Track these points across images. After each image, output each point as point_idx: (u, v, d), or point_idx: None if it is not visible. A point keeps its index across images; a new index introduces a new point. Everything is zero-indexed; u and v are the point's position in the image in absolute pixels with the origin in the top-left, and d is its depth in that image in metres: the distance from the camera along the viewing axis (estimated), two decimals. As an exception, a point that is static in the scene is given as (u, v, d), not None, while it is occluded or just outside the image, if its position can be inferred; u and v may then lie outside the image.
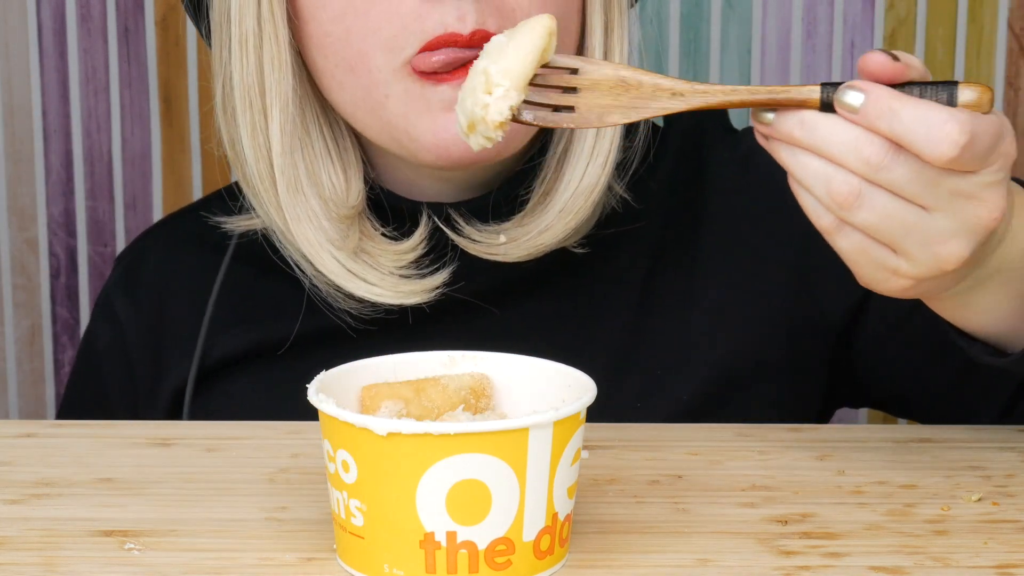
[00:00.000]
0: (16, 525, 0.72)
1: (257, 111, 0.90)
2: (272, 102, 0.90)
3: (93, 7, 1.56)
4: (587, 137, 0.92)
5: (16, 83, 1.58)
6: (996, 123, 0.69)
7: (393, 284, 0.91)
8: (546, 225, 0.92)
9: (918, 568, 0.67)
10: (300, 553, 0.69)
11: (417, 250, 0.93)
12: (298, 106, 0.91)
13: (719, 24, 1.55)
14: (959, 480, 0.78)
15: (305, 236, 0.91)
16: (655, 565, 0.68)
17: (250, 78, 0.90)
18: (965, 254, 0.70)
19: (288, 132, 0.90)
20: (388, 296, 0.91)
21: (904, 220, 0.69)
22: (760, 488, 0.77)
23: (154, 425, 0.87)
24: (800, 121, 0.70)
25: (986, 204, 0.69)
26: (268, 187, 0.91)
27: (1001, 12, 1.57)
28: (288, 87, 0.90)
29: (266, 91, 0.90)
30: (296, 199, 0.91)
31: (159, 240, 1.06)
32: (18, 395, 1.63)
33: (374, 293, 0.91)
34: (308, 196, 0.91)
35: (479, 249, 0.92)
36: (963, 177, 0.69)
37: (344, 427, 0.65)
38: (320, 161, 0.92)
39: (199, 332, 0.99)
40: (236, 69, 0.90)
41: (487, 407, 0.73)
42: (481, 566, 0.65)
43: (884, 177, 0.69)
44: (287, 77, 0.89)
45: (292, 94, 0.90)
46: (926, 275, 0.71)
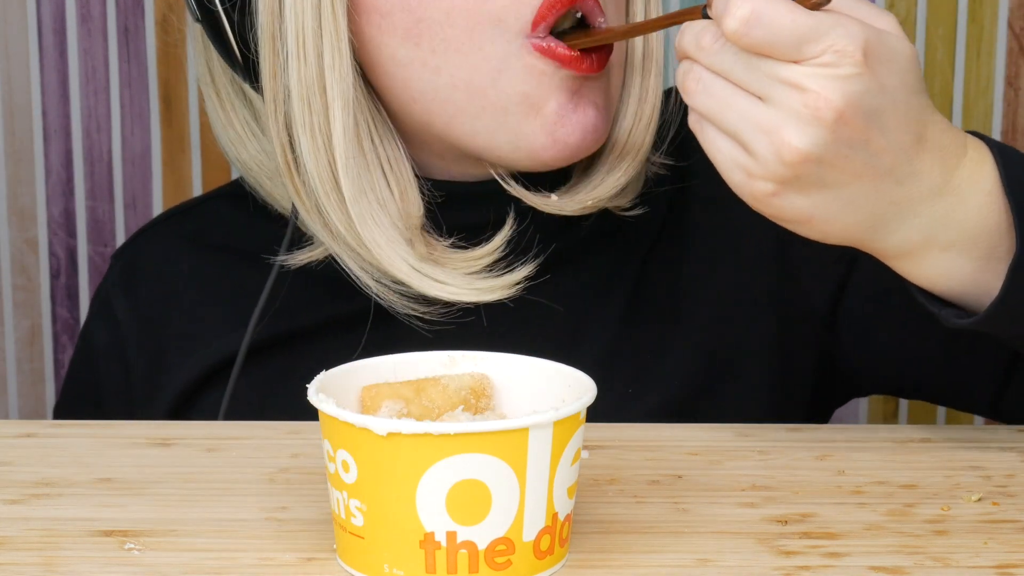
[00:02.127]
0: (16, 525, 0.72)
1: (318, 112, 0.87)
2: (333, 101, 0.87)
3: (93, 7, 1.56)
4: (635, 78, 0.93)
5: (16, 83, 1.58)
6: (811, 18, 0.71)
7: (465, 281, 0.90)
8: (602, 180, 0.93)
9: (918, 568, 0.67)
10: (300, 553, 0.69)
11: (495, 254, 0.92)
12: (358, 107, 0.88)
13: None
14: (959, 480, 0.78)
15: (373, 238, 0.88)
16: (655, 565, 0.68)
17: (309, 78, 0.87)
18: (802, 146, 0.72)
19: (351, 128, 0.87)
20: (462, 294, 0.90)
21: (740, 108, 0.73)
22: (760, 488, 0.77)
23: (154, 425, 0.87)
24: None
25: (812, 94, 0.71)
26: (331, 190, 0.88)
27: (1001, 12, 1.57)
28: (348, 88, 0.87)
29: (328, 90, 0.87)
30: (362, 201, 0.88)
31: (157, 238, 1.05)
32: (18, 395, 1.63)
33: (447, 292, 0.89)
34: (373, 200, 0.88)
35: (534, 200, 0.91)
36: (786, 66, 0.72)
37: (344, 427, 0.65)
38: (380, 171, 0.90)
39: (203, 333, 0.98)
40: (293, 68, 0.87)
41: (487, 407, 0.73)
42: (481, 566, 0.65)
43: (713, 60, 0.74)
44: (348, 78, 0.87)
45: (352, 92, 0.87)
46: (775, 174, 0.73)
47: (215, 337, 0.98)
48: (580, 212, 0.92)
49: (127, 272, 1.04)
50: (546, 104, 0.88)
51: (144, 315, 1.01)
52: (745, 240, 0.97)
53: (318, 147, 0.87)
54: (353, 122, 0.88)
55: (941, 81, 1.56)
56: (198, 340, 0.98)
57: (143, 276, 1.03)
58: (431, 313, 0.91)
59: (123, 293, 1.02)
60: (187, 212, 1.06)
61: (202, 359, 0.98)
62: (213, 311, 0.99)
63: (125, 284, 1.03)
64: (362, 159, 0.89)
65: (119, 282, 1.03)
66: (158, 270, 1.02)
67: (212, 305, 0.99)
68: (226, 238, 1.01)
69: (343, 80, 0.87)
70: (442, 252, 0.91)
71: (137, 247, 1.05)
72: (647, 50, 0.93)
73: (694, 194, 0.99)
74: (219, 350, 0.97)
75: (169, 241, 1.04)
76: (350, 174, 0.87)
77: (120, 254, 1.06)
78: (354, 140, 0.88)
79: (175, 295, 1.01)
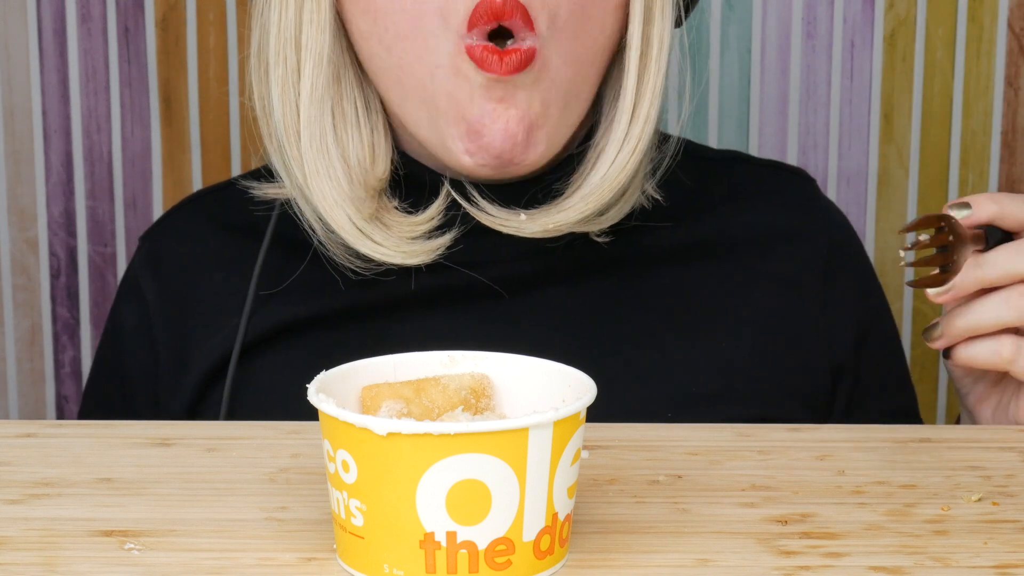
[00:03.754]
0: (16, 525, 0.72)
1: (291, 66, 0.90)
2: (306, 58, 0.90)
3: (93, 7, 1.56)
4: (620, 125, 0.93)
5: (16, 83, 1.58)
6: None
7: (398, 245, 0.92)
8: (568, 205, 0.93)
9: (918, 568, 0.67)
10: (300, 553, 0.69)
11: (433, 221, 0.94)
12: (333, 68, 0.91)
13: (719, 24, 1.55)
14: (959, 480, 0.78)
15: (322, 192, 0.91)
16: (655, 565, 0.68)
17: (287, 32, 0.90)
18: None
19: (319, 89, 0.90)
20: (392, 256, 0.92)
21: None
22: (760, 488, 0.77)
23: (154, 425, 0.87)
24: (975, 263, 0.82)
25: None
26: (292, 140, 0.91)
27: (1001, 12, 1.57)
28: (324, 45, 0.90)
29: (302, 46, 0.90)
30: (319, 156, 0.91)
31: (184, 218, 1.06)
32: (18, 395, 1.63)
33: (378, 252, 0.92)
34: (332, 156, 0.91)
35: (493, 222, 0.93)
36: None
37: (344, 427, 0.65)
38: (349, 129, 0.93)
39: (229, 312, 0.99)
40: (273, 21, 0.90)
41: (487, 407, 0.73)
42: (481, 566, 0.65)
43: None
44: (324, 35, 0.90)
45: (328, 53, 0.90)
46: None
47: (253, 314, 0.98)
48: (541, 235, 0.93)
49: (153, 253, 1.05)
50: (469, 110, 0.89)
51: (171, 295, 1.02)
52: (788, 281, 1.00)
53: (287, 98, 0.91)
54: (324, 81, 0.90)
55: (941, 81, 1.56)
56: (224, 320, 0.99)
57: (169, 257, 1.04)
58: (368, 269, 0.94)
59: (150, 274, 1.03)
60: (213, 193, 1.07)
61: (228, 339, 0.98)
62: (239, 291, 0.99)
63: (152, 265, 1.04)
64: (327, 117, 0.91)
65: (146, 263, 1.05)
66: (184, 251, 1.03)
67: (238, 285, 1.00)
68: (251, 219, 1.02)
69: (318, 38, 0.90)
70: (392, 214, 0.93)
71: (163, 228, 1.06)
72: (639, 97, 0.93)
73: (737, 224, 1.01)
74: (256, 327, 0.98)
75: (195, 222, 1.05)
76: (311, 128, 0.90)
77: (147, 236, 1.08)
78: (320, 98, 0.91)
79: (201, 275, 1.02)
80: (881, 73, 1.55)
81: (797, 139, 1.54)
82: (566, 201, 0.93)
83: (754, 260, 1.00)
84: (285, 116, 0.91)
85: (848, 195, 1.57)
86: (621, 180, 0.92)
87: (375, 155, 0.94)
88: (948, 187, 1.56)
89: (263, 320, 0.98)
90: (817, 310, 1.00)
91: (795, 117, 1.55)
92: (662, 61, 0.93)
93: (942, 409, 1.64)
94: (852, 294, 1.02)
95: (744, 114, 1.55)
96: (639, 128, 0.93)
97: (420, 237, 0.94)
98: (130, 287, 1.05)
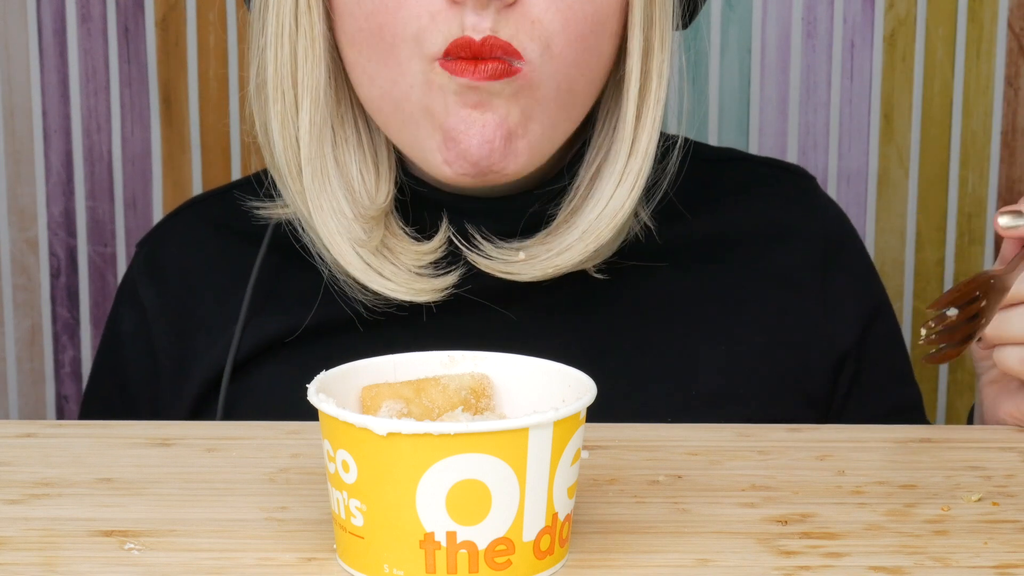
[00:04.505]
0: (16, 525, 0.72)
1: (289, 102, 0.91)
2: (303, 94, 0.90)
3: (93, 7, 1.56)
4: (619, 159, 0.92)
5: (16, 83, 1.58)
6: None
7: (407, 281, 0.92)
8: (567, 245, 0.92)
9: (918, 568, 0.67)
10: (300, 553, 0.69)
11: (437, 252, 0.94)
12: (332, 100, 0.92)
13: (719, 24, 1.55)
14: (959, 480, 0.78)
15: (327, 227, 0.92)
16: (655, 565, 0.68)
17: (284, 69, 0.90)
18: None
19: (318, 124, 0.91)
20: (401, 292, 0.92)
21: None
22: (760, 488, 0.77)
23: (154, 425, 0.87)
24: None
25: None
26: (295, 176, 0.92)
27: (1001, 12, 1.57)
28: (321, 80, 0.90)
29: (298, 83, 0.90)
30: (322, 190, 0.91)
31: (183, 223, 1.06)
32: (18, 395, 1.63)
33: (388, 288, 0.92)
34: (335, 189, 0.92)
35: (493, 267, 0.93)
36: None
37: (344, 427, 0.65)
38: (352, 156, 0.93)
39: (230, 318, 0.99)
40: (270, 58, 0.91)
41: (487, 407, 0.73)
42: (481, 566, 0.65)
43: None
44: (320, 71, 0.90)
45: (324, 87, 0.91)
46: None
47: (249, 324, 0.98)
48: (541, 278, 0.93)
49: (152, 259, 1.05)
50: (444, 119, 0.89)
51: (169, 301, 1.02)
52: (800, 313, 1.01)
53: (288, 134, 0.91)
54: (321, 117, 0.91)
55: (941, 81, 1.56)
56: (225, 327, 0.99)
57: (168, 263, 1.04)
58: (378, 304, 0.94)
59: (148, 279, 1.03)
60: (213, 198, 1.07)
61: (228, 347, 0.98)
62: (238, 296, 0.99)
63: (150, 271, 1.04)
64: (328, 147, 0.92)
65: (144, 269, 1.04)
66: (183, 257, 1.03)
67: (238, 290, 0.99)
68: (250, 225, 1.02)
69: (314, 74, 0.90)
70: (398, 239, 0.94)
71: (162, 234, 1.06)
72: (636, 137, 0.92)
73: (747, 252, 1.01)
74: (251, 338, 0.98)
75: (194, 227, 1.05)
76: (312, 163, 0.91)
77: (145, 242, 1.07)
78: (319, 132, 0.91)
79: (201, 281, 1.02)
80: (881, 73, 1.55)
81: (797, 139, 1.54)
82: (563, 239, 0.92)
83: (753, 259, 1.00)
84: (286, 151, 0.92)
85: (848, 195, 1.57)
86: (618, 221, 0.92)
87: (379, 177, 0.94)
88: (948, 187, 1.56)
89: (262, 328, 0.98)
90: (817, 307, 1.00)
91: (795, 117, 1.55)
92: (660, 93, 0.92)
93: (942, 409, 1.64)
94: (852, 290, 1.02)
95: (744, 114, 1.55)
96: (637, 164, 0.92)
97: (427, 267, 0.93)
98: (128, 293, 1.05)
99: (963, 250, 1.57)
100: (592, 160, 0.94)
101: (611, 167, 0.92)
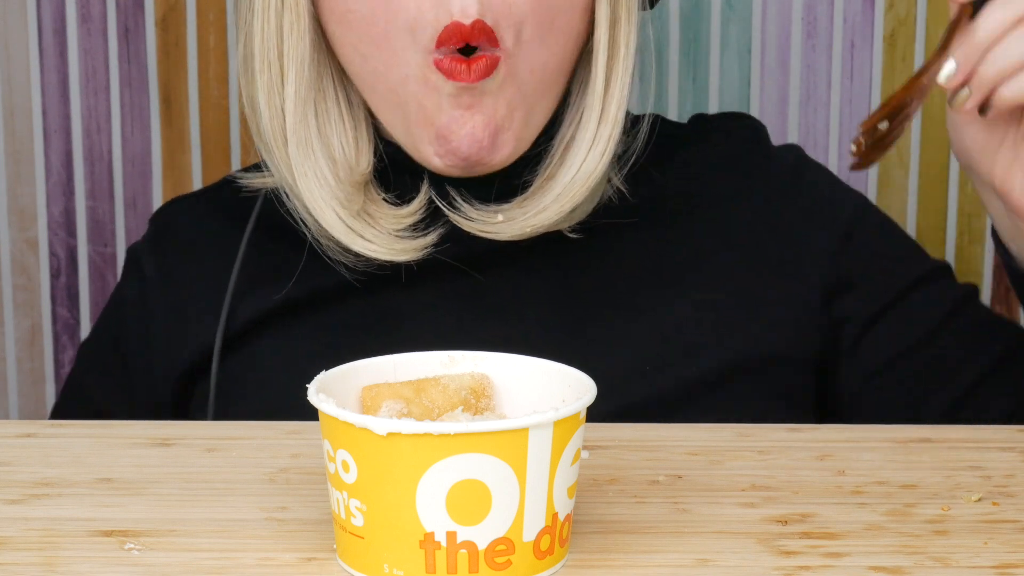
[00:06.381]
0: (16, 525, 0.72)
1: (275, 73, 0.95)
2: (288, 65, 0.94)
3: (93, 7, 1.56)
4: (590, 126, 0.96)
5: (16, 83, 1.57)
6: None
7: (387, 242, 0.96)
8: (543, 207, 0.96)
9: (918, 568, 0.67)
10: (300, 553, 0.69)
11: (416, 215, 0.97)
12: (315, 71, 0.95)
13: (719, 24, 1.55)
14: (959, 480, 0.78)
15: (311, 192, 0.95)
16: (655, 565, 0.68)
17: (269, 41, 0.94)
18: None
19: (302, 95, 0.95)
20: (382, 252, 0.95)
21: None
22: (760, 488, 0.77)
23: (154, 425, 0.87)
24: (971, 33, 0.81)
25: None
26: (280, 144, 0.95)
27: (1001, 12, 1.56)
28: (305, 52, 0.94)
29: (284, 54, 0.94)
30: (306, 157, 0.95)
31: (191, 204, 1.10)
32: (18, 395, 1.63)
33: (370, 249, 0.95)
34: (318, 156, 0.95)
35: (473, 227, 0.96)
36: None
37: (344, 427, 0.65)
38: (333, 126, 0.97)
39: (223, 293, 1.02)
40: (257, 31, 0.95)
41: (487, 407, 0.73)
42: (481, 566, 0.65)
43: None
44: (305, 43, 0.94)
45: (309, 60, 0.94)
46: None
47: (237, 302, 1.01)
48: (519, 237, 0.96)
49: (159, 233, 1.08)
50: (438, 118, 0.93)
51: (169, 273, 1.05)
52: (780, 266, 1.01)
53: (273, 104, 0.95)
54: (306, 85, 0.95)
55: (941, 81, 1.56)
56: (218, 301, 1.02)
57: (173, 239, 1.07)
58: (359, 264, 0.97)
59: (152, 251, 1.07)
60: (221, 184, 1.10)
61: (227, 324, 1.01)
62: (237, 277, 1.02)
63: (155, 243, 1.08)
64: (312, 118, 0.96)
65: (150, 241, 1.08)
66: (188, 236, 1.07)
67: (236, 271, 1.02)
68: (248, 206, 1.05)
69: (299, 45, 0.94)
70: (378, 205, 0.97)
71: (171, 211, 1.10)
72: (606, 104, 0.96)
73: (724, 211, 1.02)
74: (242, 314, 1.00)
75: (201, 209, 1.08)
76: (296, 132, 0.95)
77: (155, 217, 1.11)
78: (304, 101, 0.95)
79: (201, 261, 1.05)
80: (881, 73, 1.55)
81: (797, 139, 1.54)
82: (539, 201, 0.96)
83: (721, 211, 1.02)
84: (272, 120, 0.95)
85: (848, 195, 1.57)
86: (591, 183, 0.96)
87: (359, 148, 0.98)
88: (948, 187, 1.56)
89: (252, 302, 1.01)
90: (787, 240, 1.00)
91: (795, 117, 1.55)
92: (628, 61, 0.96)
93: (942, 409, 1.64)
94: (819, 207, 1.02)
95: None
96: (608, 130, 0.96)
97: (406, 230, 0.97)
98: (132, 263, 1.09)
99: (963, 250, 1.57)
100: (566, 129, 0.98)
101: (583, 133, 0.96)
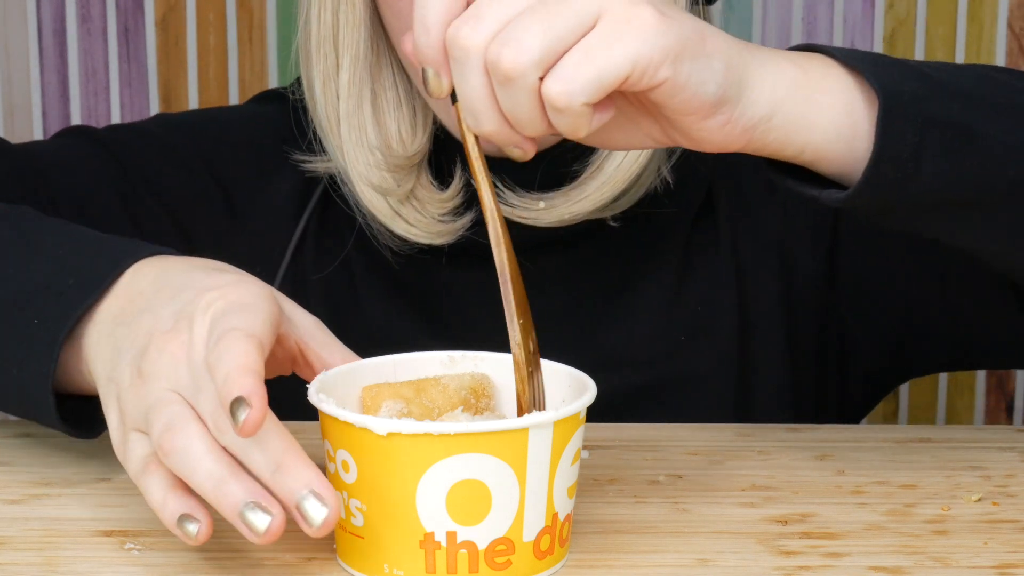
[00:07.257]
0: (16, 525, 0.72)
1: (331, 62, 0.97)
2: (343, 53, 0.96)
3: (93, 7, 1.56)
4: None
5: (16, 83, 1.58)
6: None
7: (428, 226, 0.97)
8: (585, 195, 0.96)
9: (918, 568, 0.68)
10: (300, 553, 0.69)
11: (456, 198, 0.98)
12: (373, 57, 0.97)
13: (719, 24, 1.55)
14: (959, 480, 0.78)
15: (360, 178, 0.97)
16: (655, 565, 0.68)
17: (325, 30, 0.96)
18: None
19: (356, 83, 0.96)
20: (422, 236, 0.97)
21: None
22: (760, 488, 0.77)
23: (154, 425, 0.87)
24: None
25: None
26: (335, 131, 0.97)
27: (1001, 12, 1.57)
28: (360, 42, 0.96)
29: (339, 44, 0.96)
30: (359, 143, 0.97)
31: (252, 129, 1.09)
32: (18, 395, 1.63)
33: (411, 233, 0.97)
34: (371, 141, 0.97)
35: (513, 212, 0.96)
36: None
37: (344, 427, 0.65)
38: (391, 112, 0.98)
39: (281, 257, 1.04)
40: (313, 21, 0.97)
41: (487, 407, 0.73)
42: (481, 566, 0.65)
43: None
44: (360, 32, 0.96)
45: (364, 48, 0.96)
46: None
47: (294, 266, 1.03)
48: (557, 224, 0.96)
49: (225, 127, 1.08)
50: None
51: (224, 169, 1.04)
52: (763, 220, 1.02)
53: (329, 91, 0.97)
54: (360, 76, 0.96)
55: (941, 81, 1.56)
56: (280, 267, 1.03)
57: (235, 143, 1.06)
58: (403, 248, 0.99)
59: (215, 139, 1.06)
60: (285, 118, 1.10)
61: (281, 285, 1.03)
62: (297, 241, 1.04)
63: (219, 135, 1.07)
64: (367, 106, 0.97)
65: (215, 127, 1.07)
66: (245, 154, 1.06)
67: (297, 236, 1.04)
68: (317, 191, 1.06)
69: (354, 36, 0.96)
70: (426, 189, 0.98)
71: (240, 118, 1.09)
72: None
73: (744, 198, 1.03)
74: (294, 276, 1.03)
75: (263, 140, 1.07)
76: (349, 120, 0.97)
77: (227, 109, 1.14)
78: (358, 91, 0.97)
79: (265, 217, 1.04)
80: (881, 73, 1.55)
81: (797, 139, 1.54)
82: (583, 190, 0.96)
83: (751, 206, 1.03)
84: (327, 107, 0.97)
85: (848, 195, 1.57)
86: (635, 170, 0.96)
87: (414, 133, 0.99)
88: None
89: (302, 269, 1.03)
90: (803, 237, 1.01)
91: (795, 117, 1.55)
92: None
93: (942, 409, 1.64)
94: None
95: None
96: None
97: (448, 213, 0.98)
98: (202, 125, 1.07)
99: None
100: None
101: None
